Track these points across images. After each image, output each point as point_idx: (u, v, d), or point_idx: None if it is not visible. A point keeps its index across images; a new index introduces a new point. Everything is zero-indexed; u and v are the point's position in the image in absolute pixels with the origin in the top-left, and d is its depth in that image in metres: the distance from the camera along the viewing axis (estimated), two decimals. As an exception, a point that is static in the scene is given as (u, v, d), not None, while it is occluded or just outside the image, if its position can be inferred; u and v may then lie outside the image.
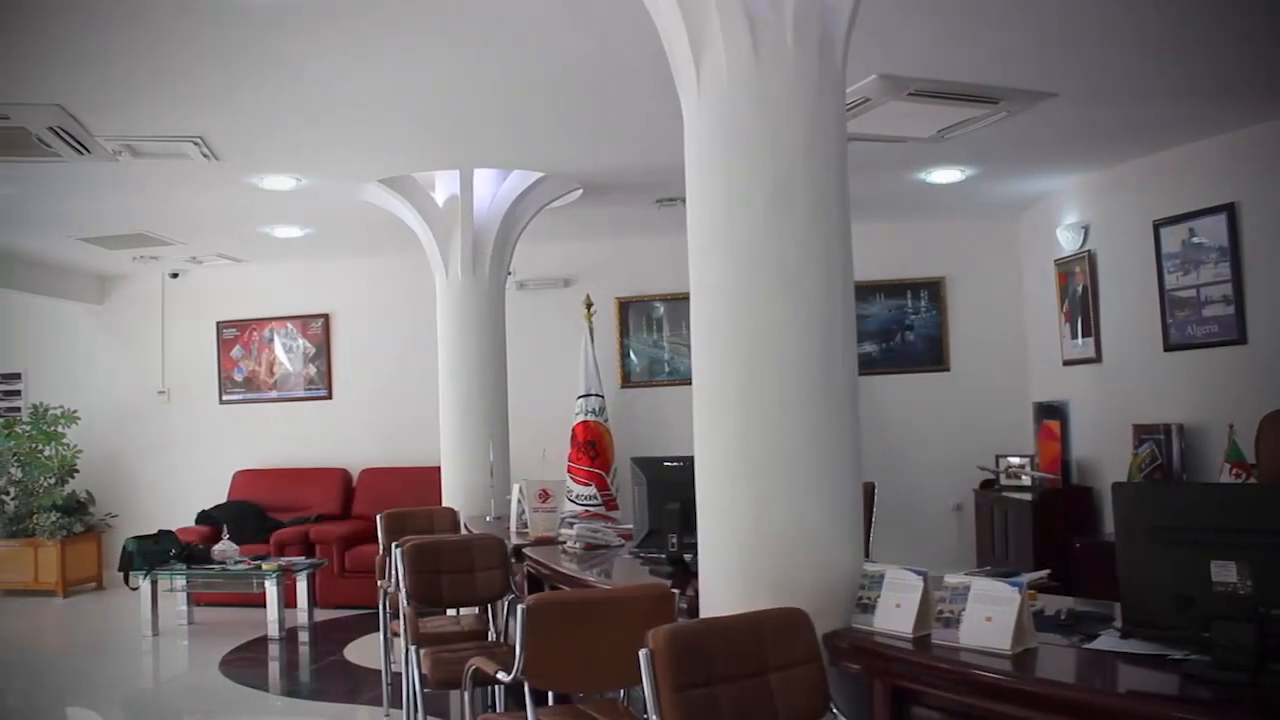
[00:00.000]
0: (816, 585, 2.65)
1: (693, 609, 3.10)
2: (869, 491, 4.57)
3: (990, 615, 2.40)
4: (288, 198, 6.39)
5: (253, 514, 8.18)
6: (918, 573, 2.60)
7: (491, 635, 4.69)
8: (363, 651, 6.35)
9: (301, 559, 7.33)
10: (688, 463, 3.80)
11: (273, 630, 6.75)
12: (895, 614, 2.58)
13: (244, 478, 8.69)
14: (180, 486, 8.87)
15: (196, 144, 5.24)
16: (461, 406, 6.29)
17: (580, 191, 6.40)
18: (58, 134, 5.00)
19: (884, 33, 3.97)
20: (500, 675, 3.00)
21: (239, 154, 5.50)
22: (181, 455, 9.01)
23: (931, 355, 7.84)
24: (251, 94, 4.62)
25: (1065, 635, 2.48)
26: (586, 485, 7.49)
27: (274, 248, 8.15)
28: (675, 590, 3.09)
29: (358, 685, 5.63)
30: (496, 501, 5.98)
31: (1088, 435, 6.64)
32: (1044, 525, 6.28)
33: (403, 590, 4.16)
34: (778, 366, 2.68)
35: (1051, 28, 4.12)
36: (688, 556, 3.61)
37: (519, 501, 5.13)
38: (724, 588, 2.73)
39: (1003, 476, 6.97)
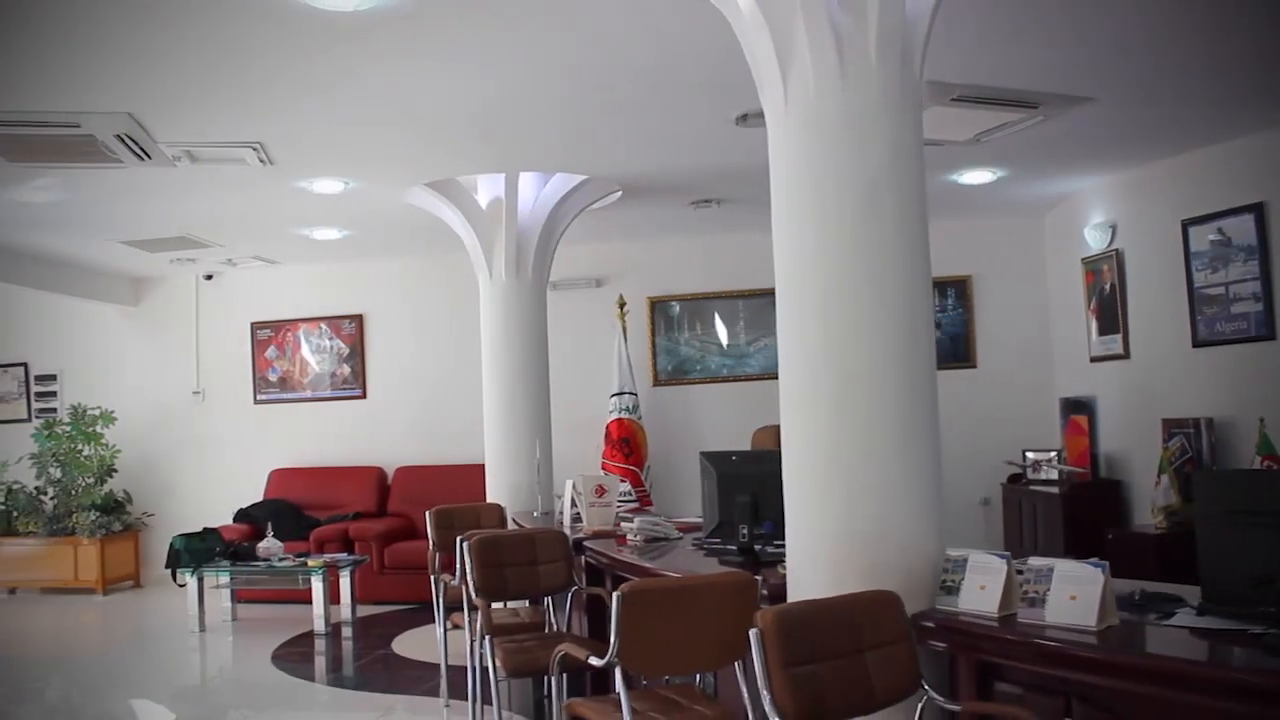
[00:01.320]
0: (903, 569, 2.81)
1: (772, 595, 3.25)
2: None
3: (1075, 594, 2.55)
4: (333, 200, 6.53)
5: (290, 512, 8.32)
6: (1001, 556, 2.75)
7: (551, 626, 4.86)
8: (410, 645, 6.51)
9: (344, 555, 7.47)
10: (756, 457, 3.97)
11: (319, 625, 6.90)
12: (980, 595, 2.74)
13: (280, 476, 8.83)
14: (215, 485, 9.02)
15: (255, 150, 5.39)
16: (506, 405, 6.43)
17: (620, 193, 6.54)
18: (123, 141, 5.14)
19: (930, 40, 4.11)
20: (592, 660, 3.15)
21: (293, 159, 5.64)
22: (216, 455, 9.15)
23: (958, 352, 8.00)
24: (315, 101, 4.76)
25: (1141, 614, 2.63)
26: (621, 482, 7.63)
27: (310, 249, 8.30)
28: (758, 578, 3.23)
29: (411, 677, 5.78)
30: (543, 497, 6.14)
31: (1115, 430, 6.80)
32: (1074, 517, 6.44)
33: (470, 583, 4.29)
34: (866, 366, 2.84)
35: (1091, 34, 4.26)
36: (758, 546, 3.77)
37: (572, 497, 5.28)
38: (814, 573, 2.88)
39: (1029, 471, 7.13)
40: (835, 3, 2.80)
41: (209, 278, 9.24)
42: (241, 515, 8.38)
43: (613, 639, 2.99)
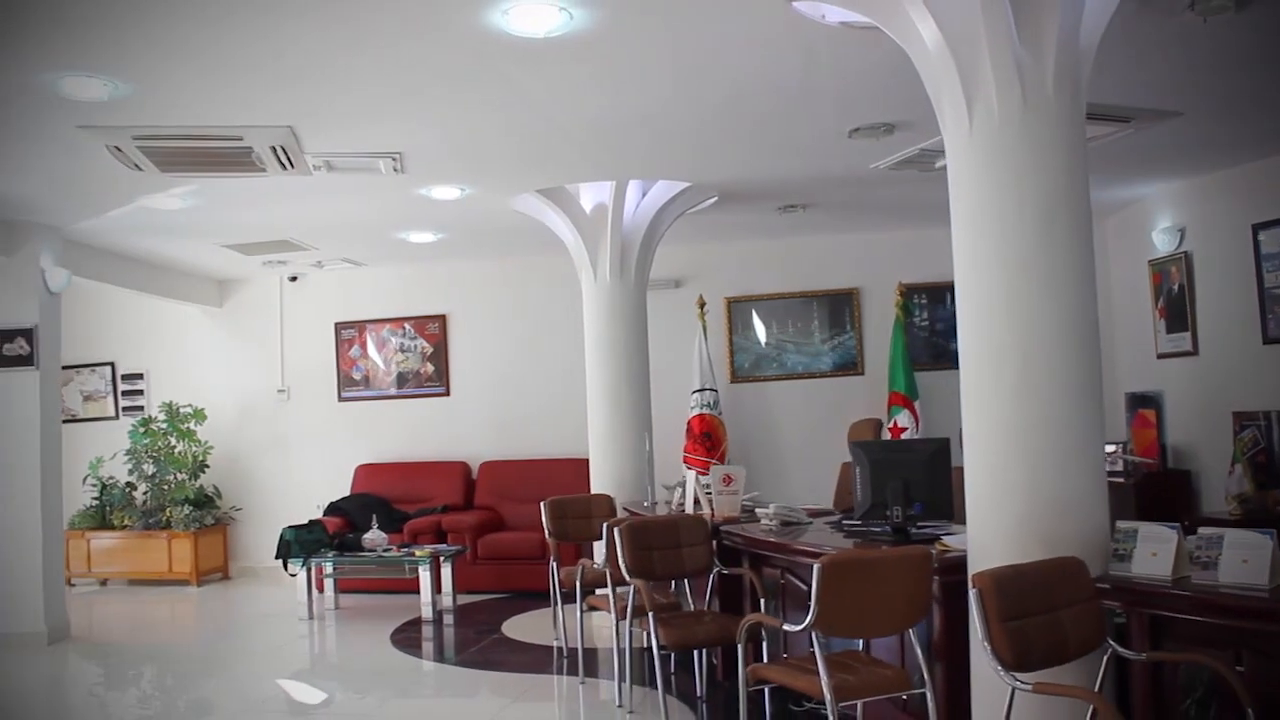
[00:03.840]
0: (1078, 539, 3.18)
1: (941, 567, 3.63)
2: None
3: (1246, 558, 2.93)
4: (444, 206, 6.88)
5: (380, 505, 8.67)
6: (1170, 527, 3.12)
7: (689, 605, 5.22)
8: (520, 628, 6.88)
9: (445, 546, 7.82)
10: (905, 446, 4.35)
11: (426, 612, 7.27)
12: (1152, 561, 3.11)
13: (366, 471, 9.20)
14: (300, 480, 9.39)
15: (394, 159, 5.74)
16: (611, 400, 6.80)
17: (716, 198, 6.90)
18: (275, 152, 5.50)
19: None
20: (787, 627, 3.52)
21: (424, 167, 5.99)
22: (301, 451, 9.52)
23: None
24: (463, 116, 5.09)
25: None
26: (704, 475, 7.99)
27: (399, 251, 8.64)
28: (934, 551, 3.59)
29: (532, 658, 6.12)
30: (651, 487, 6.50)
31: (1182, 423, 7.16)
32: (1146, 505, 6.80)
33: (622, 565, 4.63)
34: (1045, 359, 3.21)
35: (1185, 54, 4.57)
36: (910, 527, 4.14)
37: (693, 487, 5.64)
38: (999, 543, 3.24)
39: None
40: (1017, 38, 3.17)
41: (293, 279, 9.61)
42: (333, 508, 8.73)
43: (812, 605, 3.35)
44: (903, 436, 7.79)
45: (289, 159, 5.62)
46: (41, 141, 5.19)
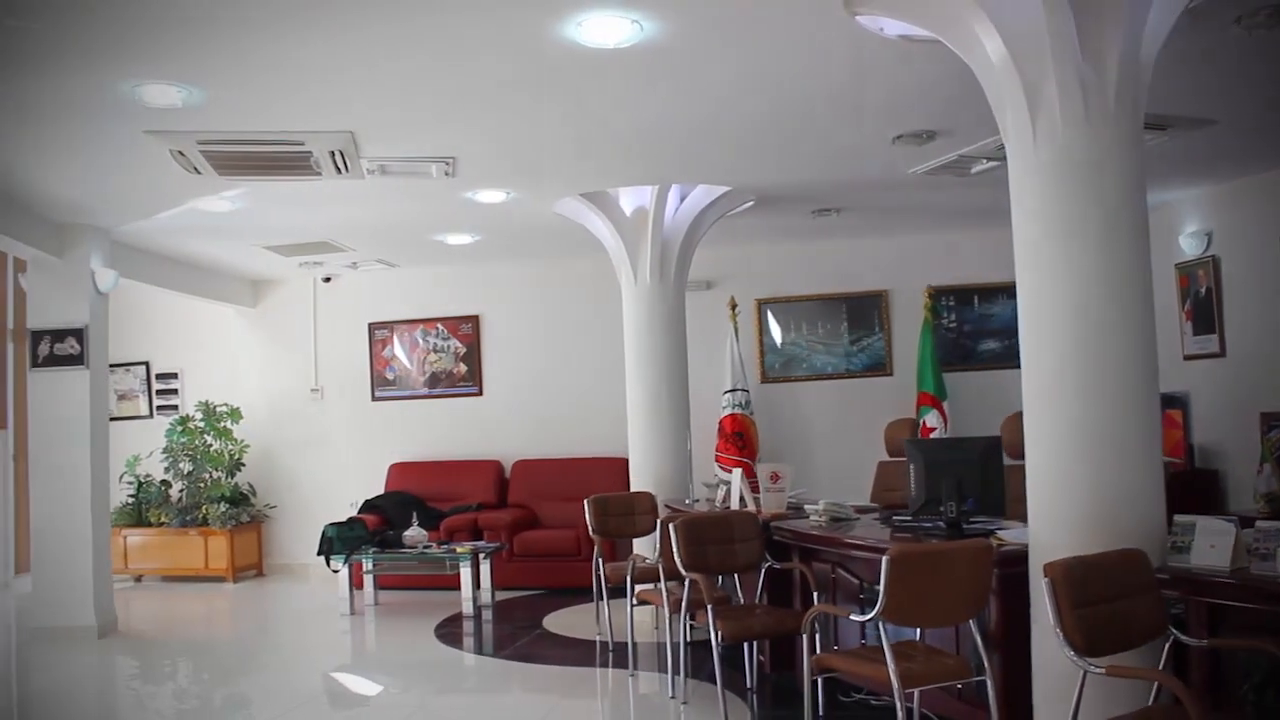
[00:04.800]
0: (1138, 532, 3.33)
1: (1000, 560, 3.77)
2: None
3: (1304, 550, 3.06)
4: (487, 209, 7.02)
5: (415, 503, 8.81)
6: (1228, 520, 3.26)
7: (737, 599, 5.35)
8: (561, 623, 7.02)
9: (484, 543, 7.96)
10: (957, 444, 4.49)
11: (466, 608, 7.42)
12: (1210, 553, 3.26)
13: (399, 470, 9.34)
14: (334, 479, 9.53)
15: (446, 164, 5.89)
16: (651, 400, 6.95)
17: (753, 202, 7.04)
18: (333, 157, 5.65)
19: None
20: (854, 616, 3.66)
21: (475, 172, 6.13)
22: (335, 449, 9.67)
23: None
24: (521, 119, 5.20)
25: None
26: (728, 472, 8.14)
27: (434, 253, 8.77)
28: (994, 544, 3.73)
29: (577, 652, 6.24)
30: (691, 485, 6.65)
31: (1209, 423, 7.30)
32: (1172, 504, 6.91)
33: (678, 560, 4.77)
34: (1107, 362, 3.36)
35: (1224, 61, 4.71)
36: (963, 522, 4.28)
37: (739, 484, 5.78)
38: (1060, 536, 3.38)
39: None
40: (1080, 54, 3.31)
41: (327, 280, 9.75)
42: (368, 506, 8.87)
43: (881, 595, 3.49)
44: (931, 436, 7.93)
45: (345, 163, 5.76)
46: (107, 146, 5.34)
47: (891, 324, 8.82)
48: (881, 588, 3.49)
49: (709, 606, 4.51)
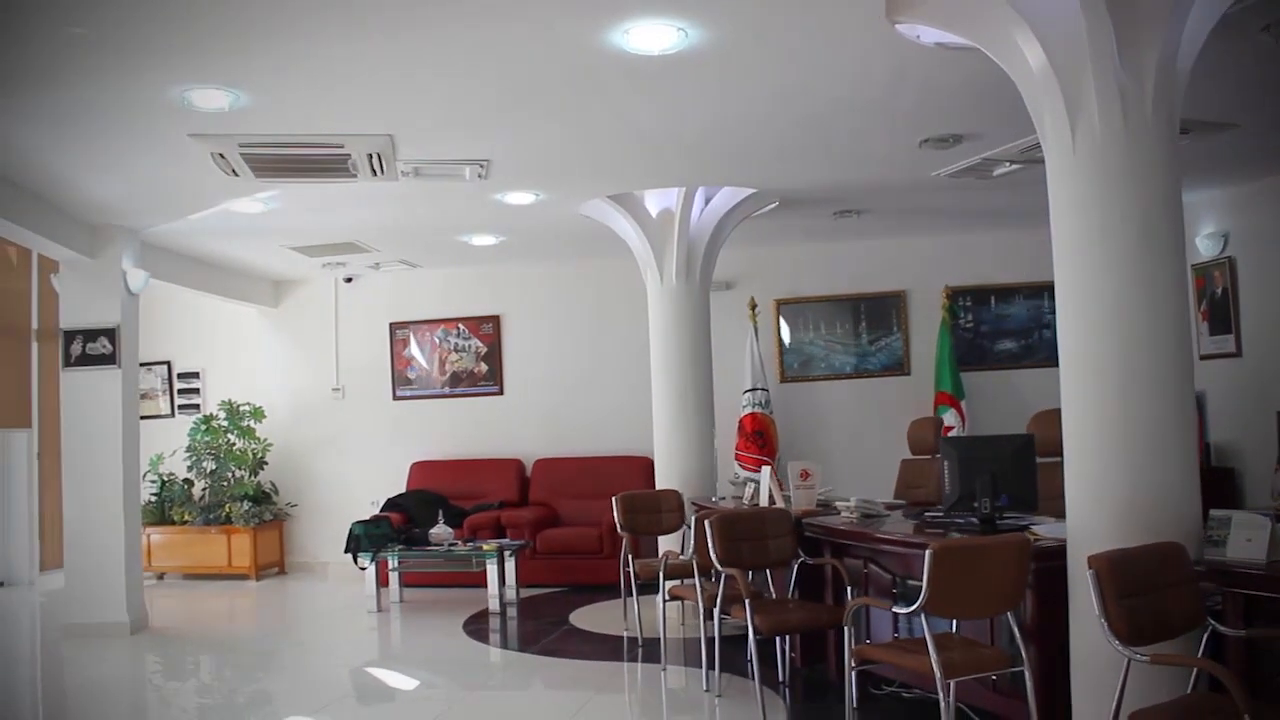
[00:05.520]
0: (1176, 527, 3.42)
1: (1035, 554, 3.87)
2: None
3: (1340, 544, 3.17)
4: (515, 210, 7.11)
5: (437, 501, 8.91)
6: (1264, 514, 3.37)
7: (769, 594, 5.45)
8: (587, 619, 7.11)
9: (509, 540, 8.06)
10: (991, 442, 4.59)
11: (493, 604, 7.51)
12: (1247, 546, 3.36)
13: (421, 468, 9.44)
14: (355, 477, 9.64)
15: (480, 167, 5.98)
16: (676, 399, 7.05)
17: (777, 204, 7.14)
18: (370, 159, 5.75)
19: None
20: (896, 609, 3.76)
21: (507, 174, 6.23)
22: (356, 448, 9.77)
23: (1066, 351, 8.61)
24: (558, 123, 5.31)
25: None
26: (755, 472, 8.24)
27: (456, 253, 8.87)
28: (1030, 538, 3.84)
29: (606, 647, 6.33)
30: (716, 483, 6.75)
31: (1225, 423, 7.41)
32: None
33: (713, 556, 4.86)
34: (1145, 362, 3.46)
35: (1250, 67, 4.81)
36: (997, 518, 4.38)
37: (768, 482, 5.88)
38: (1102, 530, 3.48)
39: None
40: (1119, 63, 3.41)
41: (349, 280, 9.85)
42: (391, 504, 8.97)
43: (924, 587, 3.59)
44: (949, 435, 8.03)
45: (382, 165, 5.86)
46: (150, 148, 5.44)
47: (909, 324, 8.92)
48: (924, 580, 3.59)
49: (746, 600, 4.61)
